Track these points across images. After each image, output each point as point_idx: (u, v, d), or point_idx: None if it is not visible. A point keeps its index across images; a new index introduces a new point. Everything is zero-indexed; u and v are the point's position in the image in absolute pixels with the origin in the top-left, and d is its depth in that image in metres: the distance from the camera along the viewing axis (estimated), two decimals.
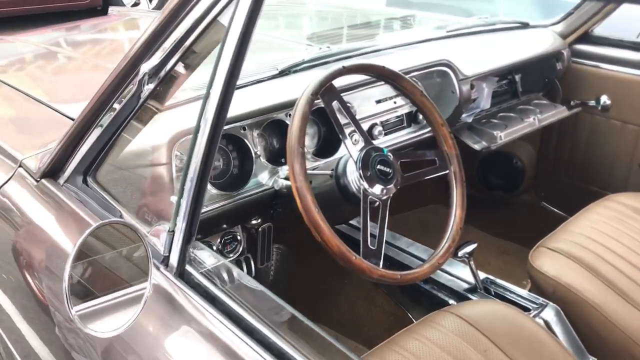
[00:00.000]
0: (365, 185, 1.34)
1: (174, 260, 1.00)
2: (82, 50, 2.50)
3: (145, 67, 1.01)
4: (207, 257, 1.05)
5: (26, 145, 1.48)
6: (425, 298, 1.77)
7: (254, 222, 1.74)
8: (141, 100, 1.07)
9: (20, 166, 1.39)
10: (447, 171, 1.50)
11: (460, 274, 1.73)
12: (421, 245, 1.89)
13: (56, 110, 1.66)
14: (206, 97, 0.96)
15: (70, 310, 0.89)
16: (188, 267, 1.00)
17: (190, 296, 0.96)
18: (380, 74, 1.51)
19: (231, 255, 1.78)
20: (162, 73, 1.02)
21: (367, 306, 2.06)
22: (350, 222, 2.02)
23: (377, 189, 1.35)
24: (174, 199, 1.01)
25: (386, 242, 1.36)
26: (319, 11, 3.25)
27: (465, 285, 1.70)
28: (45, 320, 1.28)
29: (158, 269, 1.01)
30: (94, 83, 1.18)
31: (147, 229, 1.07)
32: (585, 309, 1.50)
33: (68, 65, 2.24)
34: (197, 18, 0.98)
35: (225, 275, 1.03)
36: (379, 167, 1.36)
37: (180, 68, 1.03)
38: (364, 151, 1.37)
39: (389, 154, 1.40)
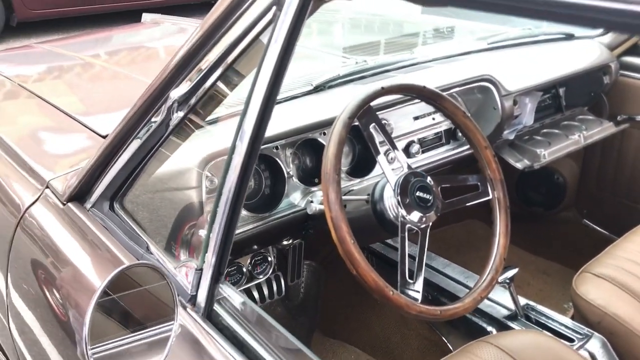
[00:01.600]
0: (403, 212, 1.28)
1: (201, 299, 0.94)
2: (113, 60, 2.49)
3: (175, 94, 0.96)
4: (236, 296, 0.99)
5: (55, 164, 1.45)
6: (462, 324, 1.71)
7: (285, 242, 1.71)
8: (170, 129, 1.02)
9: (47, 187, 1.36)
10: (490, 197, 1.43)
11: (499, 299, 1.66)
12: (458, 266, 1.82)
13: (87, 127, 1.63)
14: (243, 116, 0.90)
15: (87, 352, 0.84)
16: (216, 307, 0.95)
17: (217, 341, 0.90)
18: (420, 94, 1.44)
19: (261, 276, 1.77)
20: (193, 101, 0.97)
21: (400, 328, 2.00)
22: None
23: (416, 216, 1.29)
24: (202, 232, 0.96)
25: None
26: (352, 19, 3.20)
27: (505, 312, 1.63)
28: (62, 335, 1.24)
29: (185, 308, 0.96)
30: (126, 99, 1.14)
31: (174, 264, 1.02)
32: (634, 341, 1.42)
33: (100, 77, 2.21)
34: (231, 42, 0.92)
35: (255, 317, 0.97)
36: (418, 193, 1.30)
37: (210, 97, 0.97)
38: (403, 176, 1.30)
39: (430, 179, 1.33)
